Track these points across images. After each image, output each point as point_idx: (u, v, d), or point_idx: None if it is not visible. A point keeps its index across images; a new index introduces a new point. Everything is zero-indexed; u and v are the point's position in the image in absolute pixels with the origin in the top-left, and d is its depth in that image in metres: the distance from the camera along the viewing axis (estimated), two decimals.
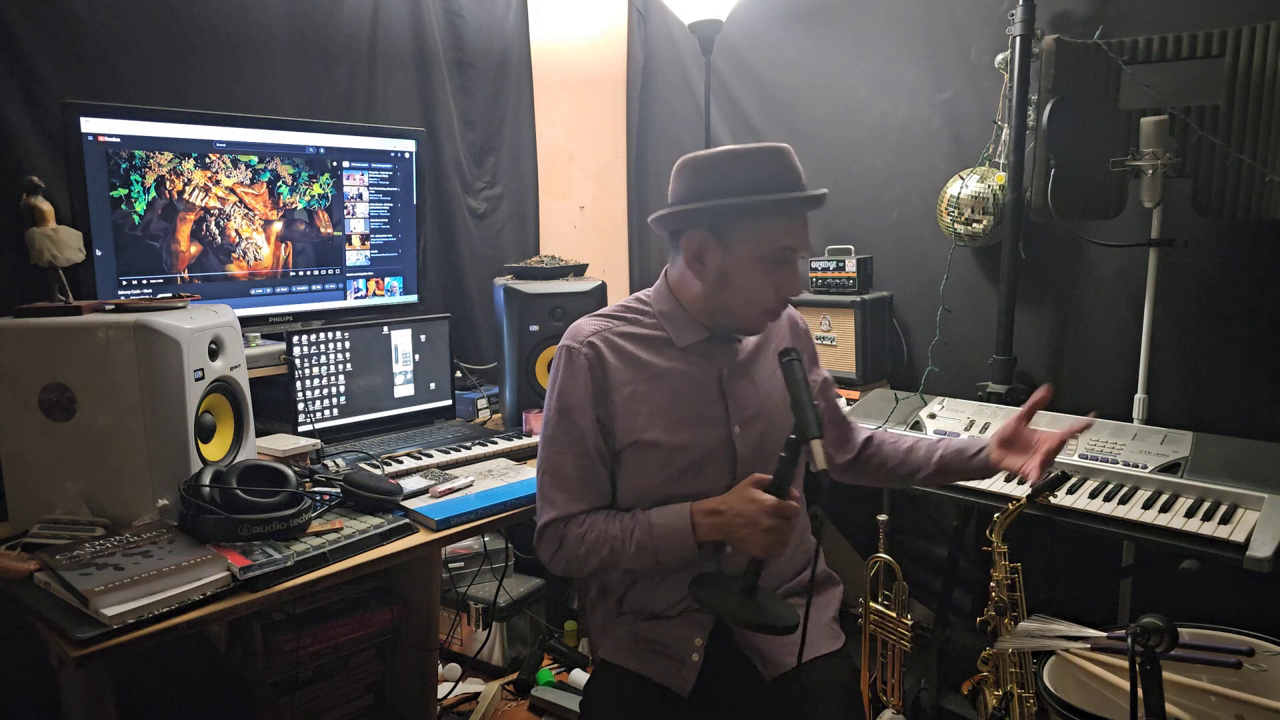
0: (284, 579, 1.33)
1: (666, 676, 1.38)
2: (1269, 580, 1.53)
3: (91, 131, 1.79)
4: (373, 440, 2.04)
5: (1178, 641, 1.12)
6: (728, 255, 1.34)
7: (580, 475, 1.39)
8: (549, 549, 1.41)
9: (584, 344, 1.40)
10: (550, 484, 1.40)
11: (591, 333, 1.42)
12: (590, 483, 1.40)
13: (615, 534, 1.35)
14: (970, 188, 2.29)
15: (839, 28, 2.70)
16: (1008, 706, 1.77)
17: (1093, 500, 1.74)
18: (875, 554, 2.16)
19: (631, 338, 1.42)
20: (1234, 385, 2.08)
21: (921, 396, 2.27)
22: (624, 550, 1.34)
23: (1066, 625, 1.35)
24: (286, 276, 2.18)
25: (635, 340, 1.42)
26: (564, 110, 3.11)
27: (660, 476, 1.39)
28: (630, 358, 1.41)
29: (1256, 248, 2.02)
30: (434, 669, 2.18)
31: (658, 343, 1.43)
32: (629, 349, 1.41)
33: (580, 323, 1.45)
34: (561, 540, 1.39)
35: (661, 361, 1.41)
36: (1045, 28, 2.20)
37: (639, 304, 1.48)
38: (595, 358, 1.39)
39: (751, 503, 1.27)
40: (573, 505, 1.39)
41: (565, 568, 1.41)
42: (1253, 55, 1.85)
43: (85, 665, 1.13)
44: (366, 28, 2.49)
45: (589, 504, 1.40)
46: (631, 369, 1.40)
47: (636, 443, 1.38)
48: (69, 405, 1.45)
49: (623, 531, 1.35)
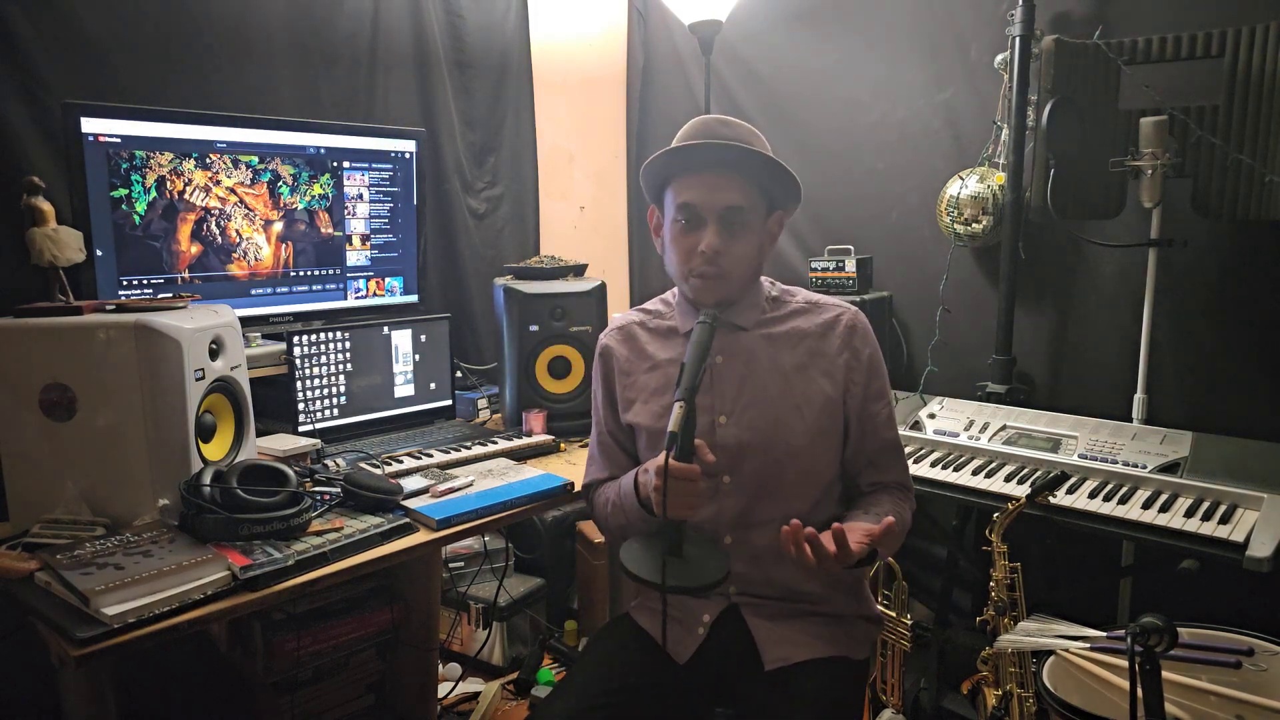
0: (284, 578, 1.33)
1: (669, 641, 1.43)
2: (1269, 580, 1.54)
3: (92, 131, 1.79)
4: (373, 440, 2.04)
5: (1177, 641, 1.12)
6: (662, 220, 1.45)
7: (601, 450, 1.58)
8: (590, 510, 1.60)
9: (605, 335, 1.57)
10: (588, 455, 1.62)
11: (616, 325, 1.57)
12: (609, 456, 1.56)
13: (612, 496, 1.48)
14: (970, 188, 2.30)
15: (839, 28, 2.70)
16: (1007, 706, 1.77)
17: (1092, 500, 1.74)
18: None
19: (647, 328, 1.54)
20: (1234, 385, 2.08)
21: (921, 396, 2.27)
22: (617, 511, 1.45)
23: (1066, 625, 1.35)
24: (287, 276, 2.18)
25: (650, 331, 1.54)
26: (564, 110, 3.11)
27: (649, 457, 1.44)
28: (639, 348, 1.52)
29: (1256, 248, 2.02)
30: (434, 669, 2.18)
31: (667, 332, 1.52)
32: (641, 338, 1.53)
33: (617, 314, 1.62)
34: (592, 504, 1.58)
35: (663, 351, 1.50)
36: (1045, 28, 2.20)
37: (671, 296, 1.57)
38: (607, 349, 1.55)
39: (655, 462, 1.26)
40: (595, 474, 1.58)
41: (602, 527, 1.56)
42: (1253, 55, 1.86)
43: (85, 665, 1.12)
44: (367, 28, 2.49)
45: (606, 474, 1.56)
46: (637, 358, 1.52)
47: (632, 425, 1.51)
48: (69, 405, 1.45)
49: (614, 494, 1.48)
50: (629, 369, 1.52)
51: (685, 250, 1.39)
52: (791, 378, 1.43)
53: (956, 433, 2.09)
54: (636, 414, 1.49)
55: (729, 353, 1.44)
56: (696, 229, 1.37)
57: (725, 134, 1.38)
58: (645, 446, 1.50)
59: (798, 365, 1.43)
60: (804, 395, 1.42)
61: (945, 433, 2.10)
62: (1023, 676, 1.77)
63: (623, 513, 1.44)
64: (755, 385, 1.43)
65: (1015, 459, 1.96)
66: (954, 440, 2.06)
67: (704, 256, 1.37)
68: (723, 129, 1.38)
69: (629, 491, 1.41)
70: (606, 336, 1.57)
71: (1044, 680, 1.54)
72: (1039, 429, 2.05)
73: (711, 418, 1.42)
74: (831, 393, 1.42)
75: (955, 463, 1.98)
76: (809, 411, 1.41)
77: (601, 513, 1.53)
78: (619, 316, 1.60)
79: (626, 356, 1.53)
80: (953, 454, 2.03)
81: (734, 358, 1.44)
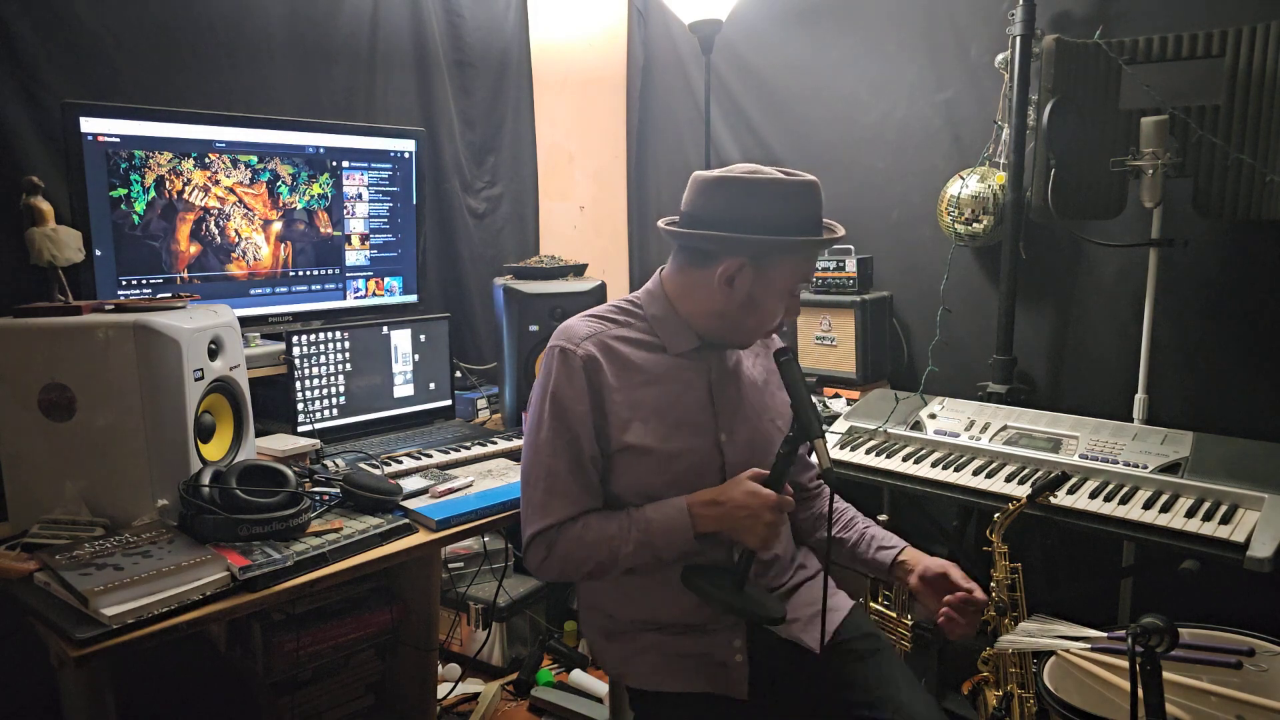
0: (284, 579, 1.33)
1: (718, 685, 1.39)
2: (1269, 580, 1.53)
3: (91, 131, 1.79)
4: (372, 440, 2.04)
5: (1178, 641, 1.11)
6: (759, 283, 1.36)
7: (575, 478, 1.37)
8: (538, 556, 1.39)
9: (579, 345, 1.38)
10: (544, 490, 1.37)
11: (587, 335, 1.40)
12: (584, 485, 1.38)
13: (613, 533, 1.35)
14: (970, 188, 2.29)
15: (839, 28, 2.70)
16: (1008, 707, 1.77)
17: (1093, 500, 1.74)
18: None
19: (625, 341, 1.42)
20: (1234, 385, 2.08)
21: (922, 396, 2.27)
22: (621, 549, 1.34)
23: (1066, 625, 1.34)
24: (286, 276, 2.18)
25: (629, 344, 1.42)
26: (564, 110, 3.11)
27: (651, 480, 1.39)
28: (624, 362, 1.40)
29: (1256, 248, 2.02)
30: (434, 669, 2.18)
31: (650, 347, 1.43)
32: (623, 352, 1.41)
33: (572, 323, 1.44)
34: (551, 547, 1.37)
35: (653, 367, 1.42)
36: (1045, 28, 2.20)
37: (631, 306, 1.48)
38: (590, 359, 1.38)
39: (753, 496, 1.31)
40: (567, 510, 1.36)
41: (559, 573, 1.39)
42: (1253, 55, 1.85)
43: (85, 665, 1.12)
44: (366, 28, 2.49)
45: (582, 507, 1.38)
46: (625, 373, 1.40)
47: (629, 447, 1.37)
48: (69, 405, 1.44)
49: (620, 530, 1.34)
50: (620, 383, 1.38)
51: (782, 313, 1.42)
52: (763, 392, 1.52)
53: (957, 433, 2.09)
54: (637, 434, 1.37)
55: (720, 371, 1.46)
56: (795, 297, 1.43)
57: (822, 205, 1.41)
58: (649, 471, 1.38)
59: (764, 380, 1.54)
60: (775, 409, 1.52)
61: (946, 433, 2.10)
62: (1023, 677, 1.77)
63: (649, 550, 1.33)
64: (745, 402, 1.47)
65: (1016, 459, 1.96)
66: (954, 440, 2.06)
67: (787, 319, 1.44)
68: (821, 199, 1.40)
69: (671, 528, 1.33)
70: (582, 345, 1.38)
71: (1045, 681, 1.54)
72: (1039, 429, 2.04)
73: (715, 437, 1.42)
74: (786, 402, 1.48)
75: (956, 463, 1.98)
76: (783, 423, 1.50)
77: (568, 554, 1.36)
78: (583, 324, 1.43)
79: (614, 369, 1.39)
80: (953, 454, 2.03)
81: (725, 376, 1.47)
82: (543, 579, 1.43)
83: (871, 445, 2.13)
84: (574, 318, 1.46)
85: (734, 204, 1.34)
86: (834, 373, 2.54)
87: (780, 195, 1.34)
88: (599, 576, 1.40)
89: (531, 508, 1.39)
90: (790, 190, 1.34)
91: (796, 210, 1.35)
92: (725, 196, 1.35)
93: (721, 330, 1.42)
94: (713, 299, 1.38)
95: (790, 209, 1.34)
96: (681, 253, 1.42)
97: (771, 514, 1.30)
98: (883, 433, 2.17)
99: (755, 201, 1.33)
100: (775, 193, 1.34)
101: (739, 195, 1.34)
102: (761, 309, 1.39)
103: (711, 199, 1.36)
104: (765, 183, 1.34)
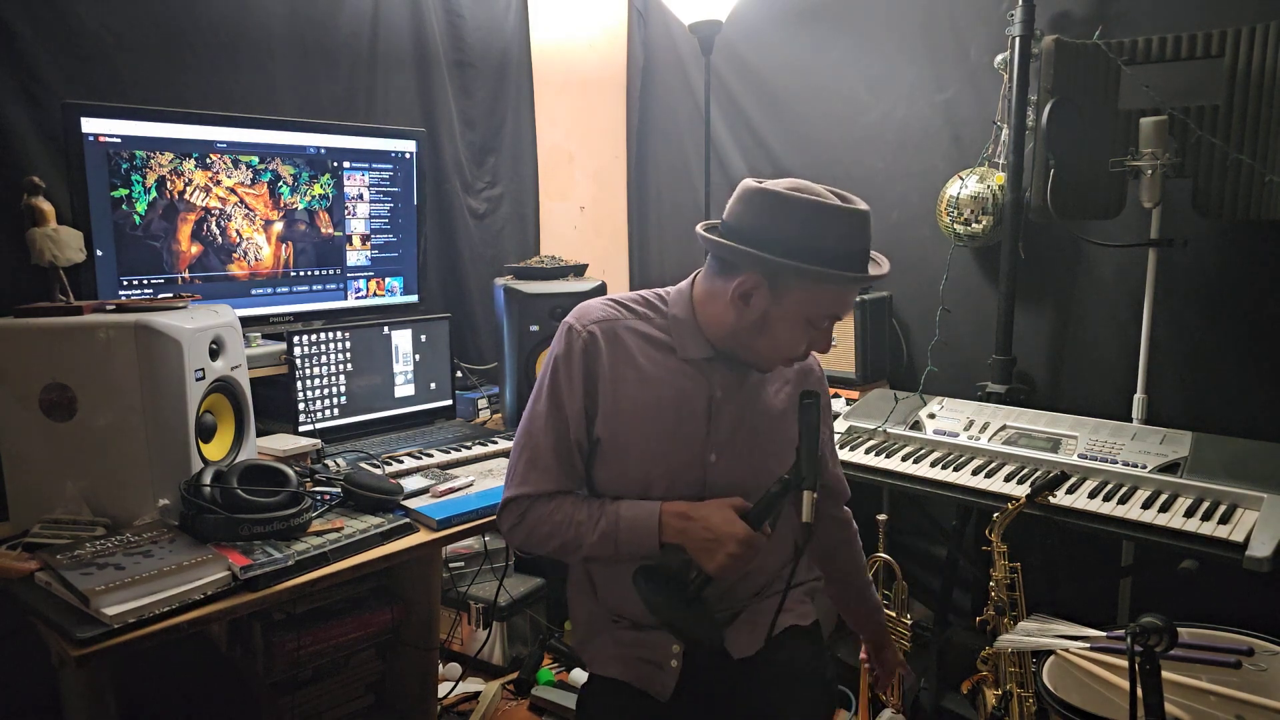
0: (284, 578, 1.33)
1: (647, 683, 1.41)
2: (1268, 580, 1.54)
3: (92, 132, 1.79)
4: (373, 440, 2.04)
5: (1177, 641, 1.11)
6: (775, 305, 1.28)
7: (557, 458, 1.36)
8: (509, 521, 1.38)
9: (585, 327, 1.35)
10: (527, 460, 1.37)
11: (598, 319, 1.37)
12: (565, 467, 1.37)
13: (582, 519, 1.33)
14: (970, 188, 2.30)
15: (839, 28, 2.70)
16: (1007, 706, 1.77)
17: (1092, 500, 1.74)
18: (875, 553, 2.17)
19: (635, 334, 1.38)
20: (1234, 385, 2.08)
21: (921, 396, 2.27)
22: (586, 536, 1.32)
23: (1066, 625, 1.35)
24: (287, 276, 2.18)
25: (639, 337, 1.38)
26: (564, 110, 3.11)
27: (627, 479, 1.37)
28: (627, 354, 1.36)
29: (1256, 248, 2.02)
30: (434, 669, 2.18)
31: (660, 346, 1.38)
32: (628, 344, 1.37)
33: (590, 303, 1.40)
34: (523, 516, 1.36)
35: (657, 366, 1.37)
36: (1045, 28, 2.20)
37: (658, 301, 1.42)
38: (592, 344, 1.35)
39: (727, 524, 1.27)
40: (544, 485, 1.36)
41: (523, 543, 1.39)
42: (1253, 55, 1.86)
43: (86, 665, 1.13)
44: (367, 28, 2.49)
45: (559, 486, 1.36)
46: (625, 365, 1.36)
47: (611, 440, 1.36)
48: (69, 405, 1.45)
49: (589, 518, 1.33)
50: (615, 374, 1.35)
51: (804, 344, 1.34)
52: (776, 421, 1.43)
53: (956, 433, 2.09)
54: (619, 429, 1.35)
55: (729, 390, 1.39)
56: (820, 330, 1.34)
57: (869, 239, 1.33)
58: (626, 468, 1.37)
59: (782, 410, 1.44)
60: (785, 440, 1.38)
61: (945, 433, 2.10)
62: (1023, 676, 1.77)
63: (612, 543, 1.32)
64: (747, 427, 1.40)
65: (1015, 459, 1.96)
66: (954, 440, 2.06)
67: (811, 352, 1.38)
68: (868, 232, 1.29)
69: (638, 528, 1.31)
70: (589, 328, 1.35)
71: (1044, 680, 1.54)
72: (1039, 429, 2.05)
73: (703, 455, 1.38)
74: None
75: (955, 463, 1.98)
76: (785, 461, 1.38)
77: (534, 529, 1.36)
78: (599, 307, 1.39)
79: (613, 359, 1.35)
80: (953, 454, 2.03)
81: (733, 396, 1.40)
82: (511, 544, 1.42)
83: (871, 445, 2.13)
84: (596, 299, 1.43)
85: (763, 218, 1.26)
86: (833, 373, 2.54)
87: (814, 218, 1.23)
88: (564, 557, 1.39)
89: (513, 472, 1.39)
90: (827, 214, 1.24)
91: (831, 236, 1.24)
92: (757, 209, 1.27)
93: (734, 347, 1.35)
94: (726, 312, 1.32)
95: (824, 234, 1.23)
96: (713, 260, 1.36)
97: (738, 548, 1.24)
98: (882, 432, 2.17)
99: (785, 220, 1.24)
100: (809, 214, 1.23)
101: (770, 209, 1.25)
102: (774, 333, 1.31)
103: (746, 209, 1.28)
104: (800, 202, 1.23)
